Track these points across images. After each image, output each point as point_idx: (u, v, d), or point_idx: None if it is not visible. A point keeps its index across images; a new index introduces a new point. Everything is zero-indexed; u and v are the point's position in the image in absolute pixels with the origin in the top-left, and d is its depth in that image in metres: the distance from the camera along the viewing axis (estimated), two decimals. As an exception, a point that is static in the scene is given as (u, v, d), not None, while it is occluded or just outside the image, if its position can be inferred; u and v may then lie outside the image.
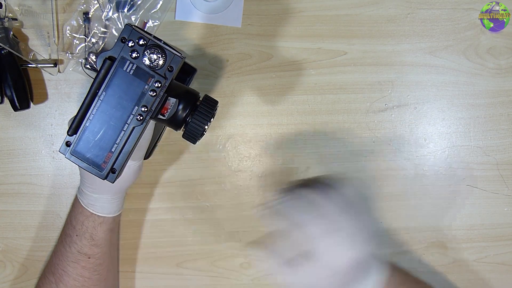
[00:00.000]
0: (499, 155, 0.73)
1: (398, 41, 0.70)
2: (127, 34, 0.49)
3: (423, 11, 0.69)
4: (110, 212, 0.64)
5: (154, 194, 0.73)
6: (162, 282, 0.75)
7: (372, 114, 0.72)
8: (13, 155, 0.71)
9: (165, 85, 0.50)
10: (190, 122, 0.54)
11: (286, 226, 0.54)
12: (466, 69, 0.71)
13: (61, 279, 0.64)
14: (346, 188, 0.57)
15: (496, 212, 0.74)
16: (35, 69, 0.69)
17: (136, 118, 0.50)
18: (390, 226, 0.75)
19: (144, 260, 0.75)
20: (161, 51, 0.49)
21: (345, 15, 0.69)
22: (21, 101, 0.66)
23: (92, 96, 0.49)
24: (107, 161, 0.50)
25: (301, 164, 0.73)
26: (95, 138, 0.50)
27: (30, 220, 0.73)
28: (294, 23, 0.69)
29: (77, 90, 0.70)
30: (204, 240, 0.75)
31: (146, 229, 0.74)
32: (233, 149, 0.72)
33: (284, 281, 0.53)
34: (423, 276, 0.76)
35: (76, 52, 0.67)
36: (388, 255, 0.76)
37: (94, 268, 0.64)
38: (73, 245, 0.64)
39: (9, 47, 0.63)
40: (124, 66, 0.49)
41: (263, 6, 0.69)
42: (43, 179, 0.72)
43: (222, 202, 0.74)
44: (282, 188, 0.58)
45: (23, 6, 0.66)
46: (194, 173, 0.73)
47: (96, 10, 0.66)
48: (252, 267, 0.76)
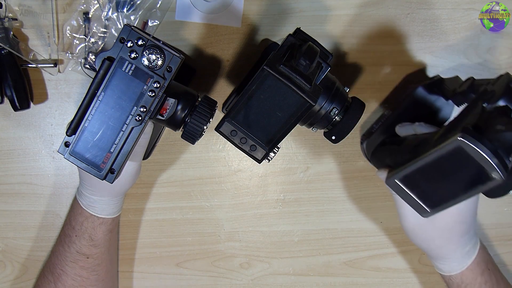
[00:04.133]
0: (499, 155, 0.72)
1: (398, 41, 0.70)
2: (126, 35, 0.49)
3: (423, 11, 0.69)
4: (110, 213, 0.64)
5: (154, 194, 0.73)
6: (161, 282, 0.75)
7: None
8: (13, 155, 0.71)
9: (164, 85, 0.50)
10: (189, 123, 0.54)
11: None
12: (466, 69, 0.70)
13: (59, 278, 0.64)
14: None
15: (496, 212, 0.74)
16: (35, 69, 0.69)
17: (135, 118, 0.50)
18: (390, 226, 0.75)
19: (143, 260, 0.75)
20: (160, 51, 0.49)
21: (345, 15, 0.69)
22: (21, 101, 0.66)
23: (90, 97, 0.49)
24: (106, 161, 0.50)
25: (301, 164, 0.73)
26: (94, 138, 0.50)
27: (30, 220, 0.73)
28: (294, 23, 0.69)
29: (77, 90, 0.70)
30: (204, 240, 0.75)
31: (146, 229, 0.74)
32: (233, 149, 0.71)
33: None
34: (423, 276, 0.76)
35: (76, 52, 0.67)
36: (388, 255, 0.76)
37: (93, 268, 0.64)
38: (72, 245, 0.64)
39: (9, 47, 0.64)
40: (123, 67, 0.49)
41: (263, 6, 0.68)
42: (43, 179, 0.72)
43: (222, 202, 0.74)
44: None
45: (23, 6, 0.66)
46: (194, 173, 0.73)
47: (96, 10, 0.66)
48: (252, 267, 0.76)
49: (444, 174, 0.49)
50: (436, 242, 0.59)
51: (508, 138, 0.45)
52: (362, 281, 0.76)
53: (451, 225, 0.57)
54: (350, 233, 0.75)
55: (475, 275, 0.60)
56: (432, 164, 0.49)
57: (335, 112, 0.57)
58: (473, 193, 0.49)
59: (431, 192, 0.51)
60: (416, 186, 0.52)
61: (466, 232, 0.58)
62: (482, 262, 0.60)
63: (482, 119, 0.48)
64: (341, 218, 0.75)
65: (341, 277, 0.76)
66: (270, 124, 0.51)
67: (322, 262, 0.76)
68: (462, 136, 0.45)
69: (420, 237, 0.59)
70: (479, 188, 0.48)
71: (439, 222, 0.56)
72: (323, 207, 0.74)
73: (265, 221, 0.75)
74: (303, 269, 0.76)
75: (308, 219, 0.75)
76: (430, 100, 0.63)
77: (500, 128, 0.45)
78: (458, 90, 0.59)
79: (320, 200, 0.74)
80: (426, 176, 0.50)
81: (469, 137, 0.45)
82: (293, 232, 0.75)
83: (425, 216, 0.54)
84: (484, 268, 0.60)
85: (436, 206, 0.52)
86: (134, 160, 0.59)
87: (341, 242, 0.75)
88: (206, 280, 0.76)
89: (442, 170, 0.49)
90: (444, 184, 0.50)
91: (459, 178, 0.49)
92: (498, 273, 0.63)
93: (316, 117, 0.58)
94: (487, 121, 0.48)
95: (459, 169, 0.48)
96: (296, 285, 0.77)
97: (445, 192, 0.51)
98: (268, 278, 0.76)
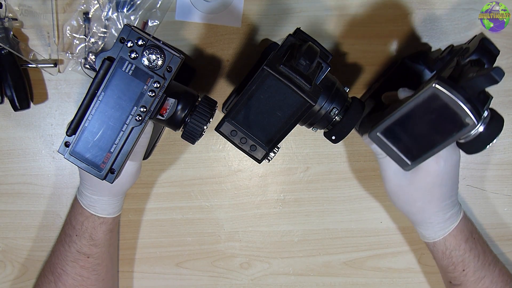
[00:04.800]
0: (499, 155, 0.72)
1: (398, 41, 0.70)
2: (126, 35, 0.49)
3: (423, 11, 0.69)
4: (110, 213, 0.64)
5: (154, 194, 0.73)
6: (161, 282, 0.75)
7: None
8: (13, 155, 0.71)
9: (164, 85, 0.50)
10: (189, 123, 0.54)
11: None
12: (466, 69, 0.70)
13: (60, 278, 0.64)
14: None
15: (496, 212, 0.74)
16: (35, 69, 0.69)
17: (135, 118, 0.50)
18: (390, 226, 0.75)
19: (143, 260, 0.75)
20: (160, 51, 0.49)
21: (345, 15, 0.69)
22: (21, 101, 0.66)
23: (91, 97, 0.49)
24: (106, 161, 0.50)
25: (301, 164, 0.73)
26: (94, 138, 0.50)
27: (30, 220, 0.73)
28: (294, 23, 0.69)
29: (77, 90, 0.70)
30: (204, 240, 0.75)
31: (146, 229, 0.74)
32: (233, 149, 0.71)
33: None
34: (423, 276, 0.76)
35: (76, 52, 0.67)
36: (388, 255, 0.76)
37: (93, 268, 0.64)
38: (73, 245, 0.64)
39: (9, 47, 0.64)
40: (123, 67, 0.49)
41: (263, 6, 0.68)
42: (43, 179, 0.72)
43: (222, 202, 0.74)
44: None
45: (23, 6, 0.66)
46: (194, 173, 0.73)
47: (96, 10, 0.66)
48: (252, 267, 0.76)
49: (422, 124, 0.52)
50: (418, 204, 0.60)
51: (479, 84, 0.48)
52: (362, 281, 0.76)
53: (431, 186, 0.58)
54: (350, 233, 0.75)
55: (459, 242, 0.61)
56: (410, 114, 0.51)
57: (335, 112, 0.57)
58: (450, 141, 0.51)
59: (411, 144, 0.53)
60: (397, 139, 0.54)
61: (447, 197, 0.59)
62: (465, 230, 0.61)
63: (456, 71, 0.52)
64: (341, 218, 0.75)
65: (341, 277, 0.76)
66: (270, 124, 0.51)
67: (322, 262, 0.76)
68: (437, 83, 0.48)
69: (402, 199, 0.61)
70: (455, 135, 0.50)
71: (419, 183, 0.58)
72: (323, 207, 0.74)
73: (265, 221, 0.75)
74: (303, 269, 0.76)
75: (308, 219, 0.75)
76: (415, 71, 0.65)
77: (472, 75, 0.48)
78: (439, 57, 0.62)
79: (320, 200, 0.74)
80: (405, 128, 0.53)
81: (443, 84, 0.48)
82: (293, 232, 0.75)
83: (407, 169, 0.55)
84: (468, 236, 0.61)
85: (416, 158, 0.54)
86: (134, 160, 0.59)
87: (341, 242, 0.75)
88: (206, 280, 0.76)
89: (420, 120, 0.51)
90: (422, 135, 0.52)
91: (436, 127, 0.51)
92: (484, 244, 0.64)
93: (316, 117, 0.58)
94: (461, 73, 0.51)
95: (436, 118, 0.50)
96: (296, 285, 0.77)
97: (424, 143, 0.53)
98: (268, 278, 0.76)
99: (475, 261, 0.61)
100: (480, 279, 0.61)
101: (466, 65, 0.53)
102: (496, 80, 0.47)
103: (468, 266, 0.61)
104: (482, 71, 0.48)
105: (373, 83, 0.70)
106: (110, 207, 0.63)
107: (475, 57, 0.54)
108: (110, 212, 0.64)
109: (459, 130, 0.50)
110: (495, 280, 0.62)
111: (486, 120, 0.51)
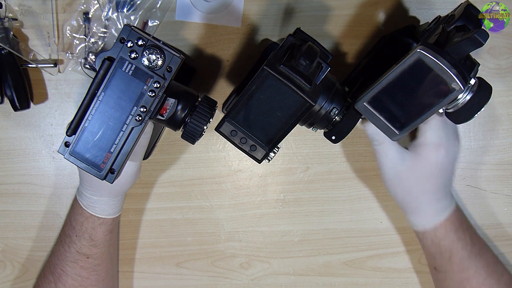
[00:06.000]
0: (499, 155, 0.72)
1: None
2: (126, 35, 0.49)
3: (423, 11, 0.69)
4: (110, 213, 0.64)
5: (154, 194, 0.73)
6: (161, 282, 0.75)
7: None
8: (13, 155, 0.71)
9: (164, 85, 0.50)
10: (189, 123, 0.54)
11: None
12: (466, 69, 0.70)
13: (59, 278, 0.64)
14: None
15: (496, 212, 0.74)
16: (35, 69, 0.69)
17: (135, 118, 0.50)
18: (390, 226, 0.75)
19: (143, 260, 0.75)
20: (160, 51, 0.49)
21: (345, 15, 0.69)
22: (21, 101, 0.66)
23: (91, 97, 0.49)
24: (106, 161, 0.50)
25: (301, 164, 0.73)
26: (94, 138, 0.50)
27: (30, 220, 0.73)
28: (294, 23, 0.69)
29: (77, 90, 0.70)
30: (204, 240, 0.75)
31: (146, 229, 0.74)
32: (233, 149, 0.71)
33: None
34: (423, 276, 0.76)
35: (76, 52, 0.67)
36: (388, 255, 0.76)
37: (93, 268, 0.64)
38: (72, 245, 0.64)
39: (9, 47, 0.64)
40: (123, 67, 0.49)
41: (263, 6, 0.68)
42: (43, 179, 0.72)
43: (222, 202, 0.74)
44: None
45: (23, 6, 0.66)
46: (194, 173, 0.73)
47: (96, 10, 0.66)
48: (252, 267, 0.76)
49: (409, 92, 0.51)
50: (413, 192, 0.60)
51: (464, 47, 0.47)
52: (362, 281, 0.76)
53: (428, 174, 0.58)
54: (350, 233, 0.75)
55: (449, 232, 0.61)
56: (396, 81, 0.51)
57: (335, 112, 0.57)
58: (437, 108, 0.51)
59: (398, 113, 0.53)
60: (384, 108, 0.53)
61: (441, 188, 0.60)
62: (456, 221, 0.62)
63: (442, 37, 0.51)
64: (341, 218, 0.75)
65: (341, 277, 0.76)
66: (270, 124, 0.51)
67: (322, 262, 0.76)
68: (422, 48, 0.47)
69: (398, 186, 0.61)
70: (442, 102, 0.50)
71: (416, 170, 0.58)
72: (323, 207, 0.74)
73: (265, 221, 0.75)
74: (303, 269, 0.76)
75: (308, 219, 0.75)
76: (403, 44, 0.64)
77: (457, 39, 0.48)
78: (427, 28, 0.61)
79: (320, 200, 0.74)
80: (392, 96, 0.52)
81: (428, 49, 0.47)
82: (293, 232, 0.75)
83: (395, 139, 0.55)
84: (458, 227, 0.62)
85: (404, 127, 0.54)
86: (134, 160, 0.59)
87: (341, 242, 0.75)
88: (206, 280, 0.76)
89: (406, 87, 0.51)
90: (409, 102, 0.52)
91: (423, 94, 0.51)
92: (475, 234, 0.64)
93: (316, 117, 0.58)
94: (447, 38, 0.51)
95: (422, 84, 0.50)
96: (296, 285, 0.77)
97: (411, 111, 0.52)
98: (268, 278, 0.76)
99: (463, 251, 0.61)
100: (464, 268, 0.62)
101: (452, 31, 0.53)
102: (480, 42, 0.46)
103: (455, 255, 0.62)
104: (467, 35, 0.47)
105: (362, 59, 0.69)
106: (110, 208, 0.63)
107: (460, 23, 0.54)
108: (109, 212, 0.64)
109: (445, 96, 0.49)
110: (478, 270, 0.62)
111: (474, 88, 0.51)
